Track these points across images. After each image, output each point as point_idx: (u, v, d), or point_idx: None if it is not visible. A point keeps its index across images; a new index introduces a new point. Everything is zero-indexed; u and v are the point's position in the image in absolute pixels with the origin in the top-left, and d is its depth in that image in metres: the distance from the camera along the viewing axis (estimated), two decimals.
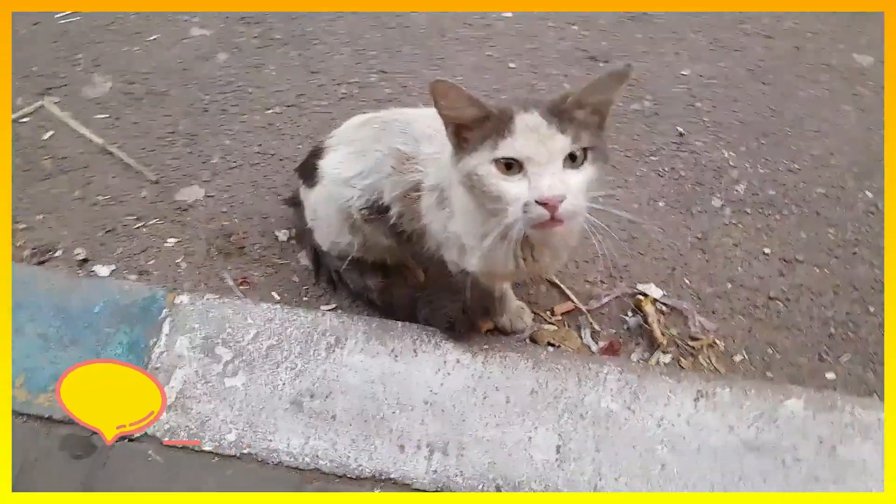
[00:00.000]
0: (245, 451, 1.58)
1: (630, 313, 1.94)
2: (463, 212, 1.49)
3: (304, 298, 1.97)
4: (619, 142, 2.25)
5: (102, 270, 1.99)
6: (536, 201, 1.26)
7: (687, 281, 1.99)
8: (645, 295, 1.96)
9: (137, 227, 2.12)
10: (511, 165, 1.28)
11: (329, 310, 1.88)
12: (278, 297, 1.95)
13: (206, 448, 1.59)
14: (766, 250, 2.04)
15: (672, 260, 2.03)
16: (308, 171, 1.81)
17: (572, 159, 1.29)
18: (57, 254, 2.04)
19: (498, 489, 1.54)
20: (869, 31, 2.48)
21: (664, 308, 1.94)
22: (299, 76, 2.45)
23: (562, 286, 1.97)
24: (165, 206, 2.16)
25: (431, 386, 1.66)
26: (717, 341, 1.89)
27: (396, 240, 1.72)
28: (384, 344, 1.72)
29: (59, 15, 2.69)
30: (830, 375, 1.83)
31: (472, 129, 1.32)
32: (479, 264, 1.53)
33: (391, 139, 1.61)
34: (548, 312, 1.94)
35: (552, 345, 1.85)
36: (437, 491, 1.55)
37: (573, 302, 1.96)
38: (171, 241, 2.08)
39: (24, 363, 1.69)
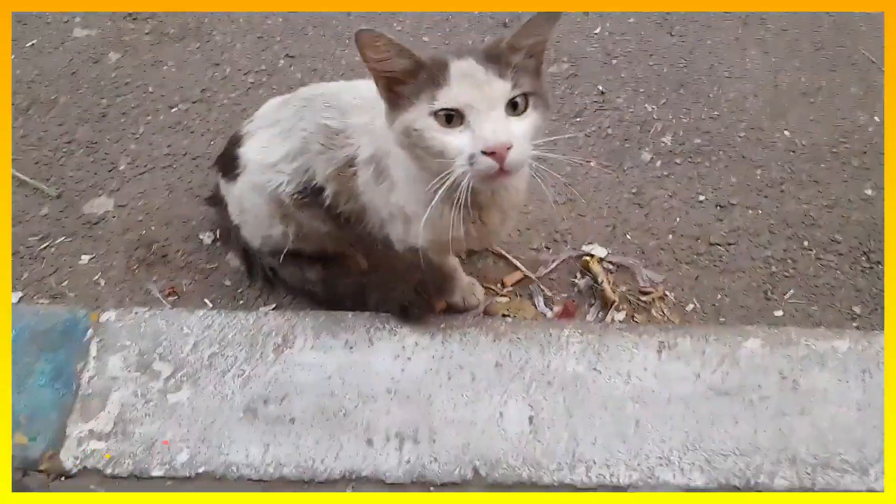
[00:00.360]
0: (201, 471, 1.46)
1: (579, 275, 1.91)
2: (405, 179, 1.41)
3: (240, 302, 1.85)
4: None
5: None
6: (482, 151, 1.19)
7: (629, 237, 1.99)
8: (591, 255, 1.94)
9: (43, 248, 1.93)
10: (451, 117, 1.22)
11: (271, 310, 1.76)
12: (211, 304, 1.82)
13: (156, 474, 1.46)
14: (701, 198, 2.06)
15: (611, 218, 2.02)
16: (228, 163, 1.68)
17: (513, 108, 1.23)
18: None
19: (476, 470, 1.48)
20: None
21: (611, 266, 1.93)
22: (201, 70, 2.30)
23: (508, 256, 1.93)
24: (73, 222, 1.98)
25: (392, 373, 1.58)
26: (667, 293, 1.89)
27: (334, 224, 1.62)
28: (336, 337, 1.63)
29: None
30: (778, 313, 1.86)
31: (405, 82, 1.24)
32: (426, 235, 1.45)
33: (316, 115, 1.51)
34: (498, 285, 1.89)
35: (507, 316, 1.80)
36: (412, 482, 1.47)
37: (522, 271, 1.92)
38: (85, 258, 1.91)
39: None
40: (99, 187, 2.05)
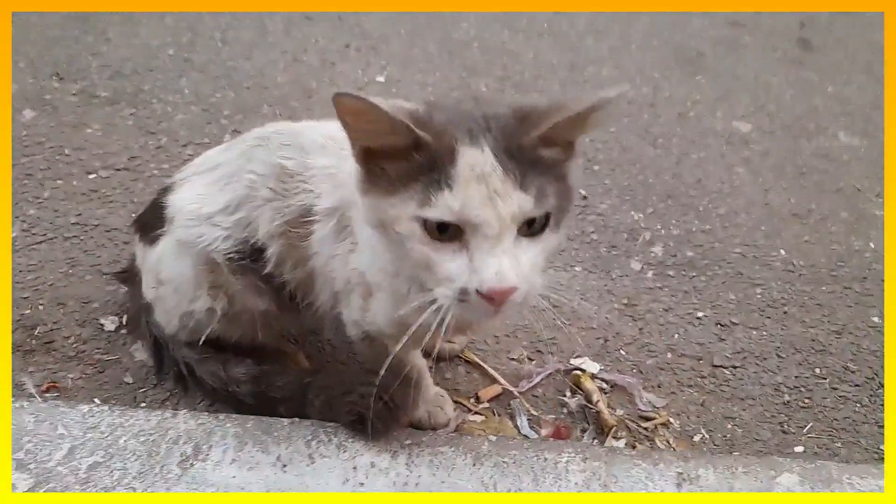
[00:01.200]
0: None
1: (569, 393, 1.59)
2: (369, 243, 1.10)
3: (142, 405, 1.43)
4: None
5: None
6: (478, 291, 0.90)
7: (623, 352, 1.69)
8: (582, 371, 1.62)
9: None
10: (446, 228, 0.91)
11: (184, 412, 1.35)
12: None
13: None
14: (700, 314, 1.80)
15: (602, 329, 1.73)
16: (148, 222, 1.34)
17: (528, 225, 0.93)
18: None
19: None
20: (744, 100, 2.48)
21: (605, 385, 1.62)
22: (132, 137, 1.99)
23: (484, 365, 1.59)
24: None
25: None
26: (671, 419, 1.58)
27: (275, 299, 1.28)
28: (266, 450, 1.22)
29: None
30: (799, 449, 1.57)
31: (393, 157, 0.92)
32: (387, 314, 1.13)
33: (270, 154, 1.20)
34: (471, 400, 1.54)
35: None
36: None
37: (501, 384, 1.57)
38: None
39: None
40: None
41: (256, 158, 1.21)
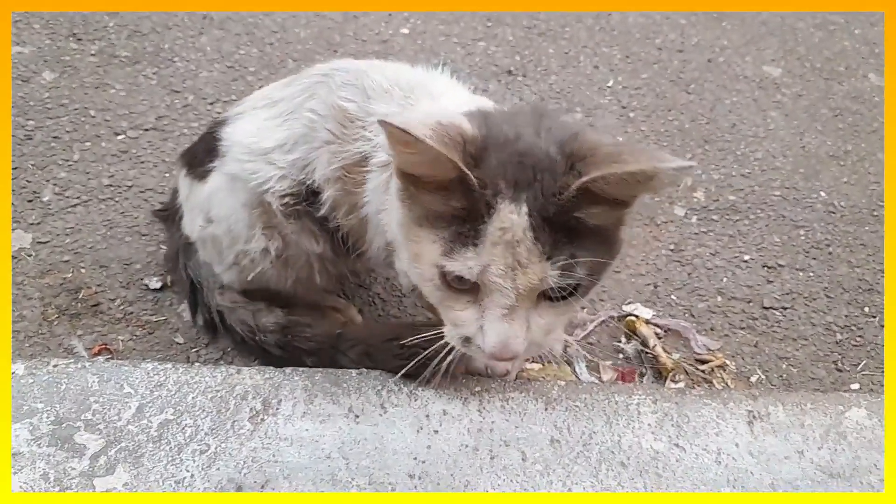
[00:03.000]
0: None
1: (624, 339, 1.57)
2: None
3: (195, 365, 1.40)
4: None
5: None
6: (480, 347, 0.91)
7: (674, 297, 1.67)
8: (636, 317, 1.60)
9: None
10: (464, 279, 0.88)
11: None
12: None
13: None
14: (746, 257, 1.78)
15: (651, 275, 1.71)
16: (199, 156, 1.28)
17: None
18: None
19: None
20: (773, 45, 2.43)
21: (659, 330, 1.60)
22: (157, 96, 1.92)
23: None
24: None
25: (415, 451, 1.15)
26: (727, 361, 1.56)
27: (330, 244, 1.24)
28: (336, 402, 1.20)
29: None
30: (855, 386, 1.57)
31: (433, 188, 0.88)
32: (412, 280, 1.09)
33: (331, 94, 1.15)
34: None
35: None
36: None
37: None
38: None
39: None
40: (13, 220, 1.60)
41: (317, 96, 1.16)
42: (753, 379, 1.55)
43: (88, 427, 1.11)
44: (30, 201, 1.64)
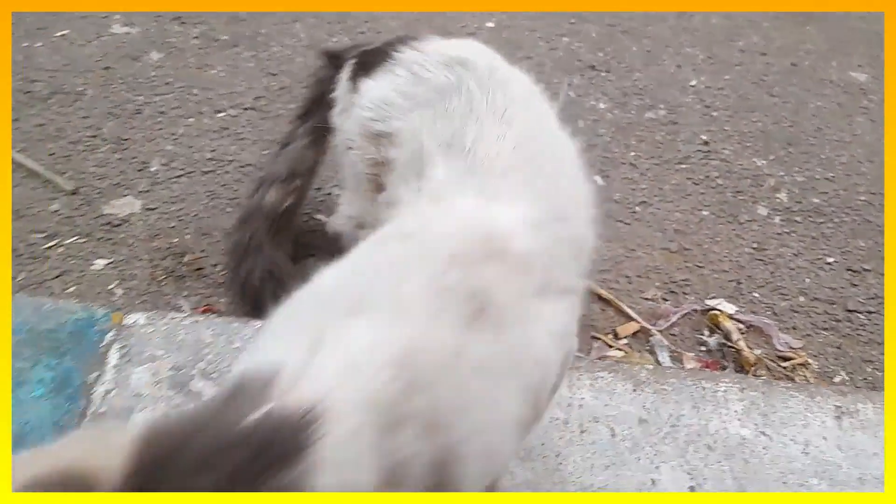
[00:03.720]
0: None
1: (707, 332, 1.58)
2: None
3: None
4: (641, 149, 1.97)
5: None
6: None
7: (756, 295, 1.68)
8: (719, 311, 1.62)
9: (49, 247, 1.55)
10: None
11: None
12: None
13: None
14: (830, 259, 1.77)
15: (734, 272, 1.71)
16: (375, 54, 1.15)
17: None
18: None
19: None
20: (861, 51, 2.40)
21: (741, 325, 1.61)
22: (255, 78, 2.01)
23: (619, 303, 1.60)
24: (89, 222, 1.61)
25: None
26: (810, 360, 1.57)
27: None
28: None
29: None
30: None
31: None
32: None
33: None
34: (609, 336, 1.55)
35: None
36: None
37: (638, 321, 1.58)
38: (100, 262, 1.53)
39: None
40: (125, 187, 1.70)
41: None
42: (837, 380, 1.55)
43: (203, 376, 1.18)
44: (139, 171, 1.74)
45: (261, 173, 1.53)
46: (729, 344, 1.55)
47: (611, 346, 1.53)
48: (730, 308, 1.63)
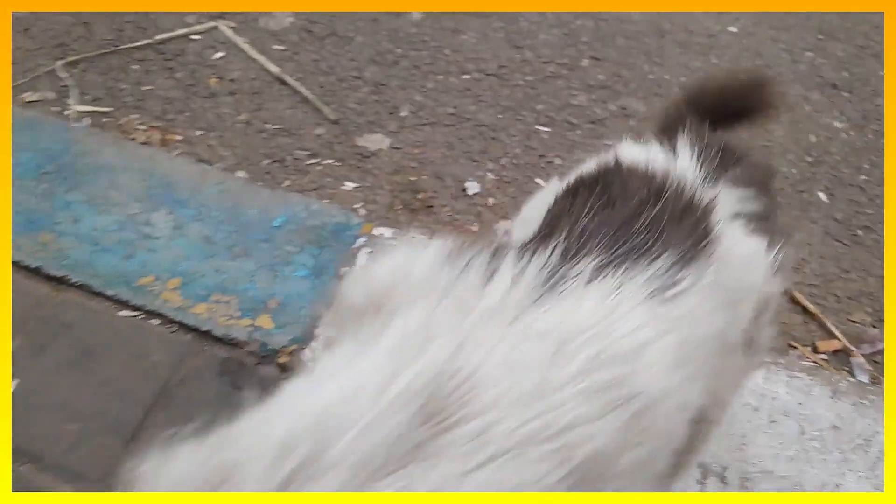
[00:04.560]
0: None
1: None
2: None
3: None
4: (873, 175, 1.91)
5: None
6: None
7: None
8: None
9: (310, 164, 1.80)
10: None
11: None
12: None
13: None
14: None
15: None
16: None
17: None
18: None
19: None
20: None
21: None
22: (501, 48, 2.17)
23: (824, 320, 1.59)
24: (344, 149, 1.85)
25: None
26: None
27: None
28: None
29: None
30: None
31: None
32: None
33: None
34: (807, 348, 1.55)
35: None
36: None
37: (841, 340, 1.57)
38: (349, 184, 1.76)
39: (183, 265, 1.34)
40: (377, 125, 1.92)
41: None
42: None
43: None
44: (391, 114, 1.96)
45: None
46: None
47: (807, 358, 1.54)
48: None
